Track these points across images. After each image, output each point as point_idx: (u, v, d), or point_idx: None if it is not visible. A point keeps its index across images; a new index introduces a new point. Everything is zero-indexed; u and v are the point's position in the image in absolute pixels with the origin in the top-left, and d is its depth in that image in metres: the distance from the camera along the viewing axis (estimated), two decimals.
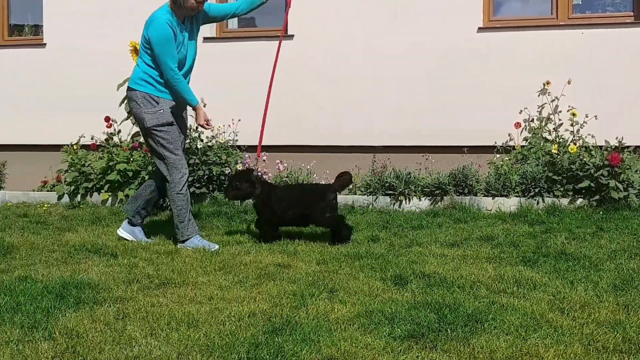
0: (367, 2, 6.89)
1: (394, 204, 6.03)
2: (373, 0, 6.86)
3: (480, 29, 6.66)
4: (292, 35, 6.98)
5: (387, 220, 5.43)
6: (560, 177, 5.79)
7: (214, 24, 7.18)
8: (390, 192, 6.05)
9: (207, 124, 4.66)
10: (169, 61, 4.38)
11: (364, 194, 6.21)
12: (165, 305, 3.12)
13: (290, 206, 4.72)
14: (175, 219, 4.57)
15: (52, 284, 3.37)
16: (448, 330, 2.76)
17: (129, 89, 4.58)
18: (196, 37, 4.71)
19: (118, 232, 4.77)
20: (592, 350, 2.57)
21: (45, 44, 7.56)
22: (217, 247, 4.47)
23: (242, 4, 4.86)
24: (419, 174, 6.19)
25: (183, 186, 4.54)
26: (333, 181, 4.94)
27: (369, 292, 3.38)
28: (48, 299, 3.13)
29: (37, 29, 7.90)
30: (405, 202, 6.02)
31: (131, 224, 4.76)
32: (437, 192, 5.94)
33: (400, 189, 5.98)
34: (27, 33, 7.98)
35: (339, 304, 3.15)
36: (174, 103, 4.57)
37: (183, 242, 4.54)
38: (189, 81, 4.69)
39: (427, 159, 6.34)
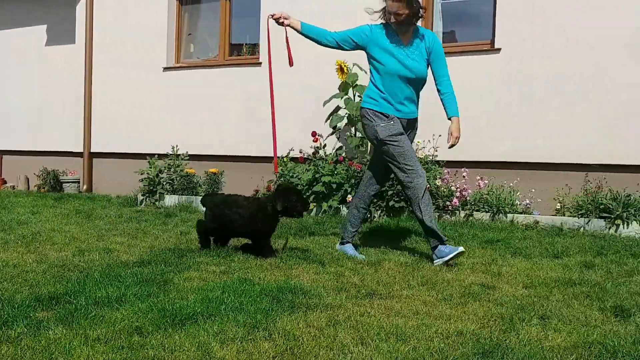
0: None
1: (609, 228, 5.58)
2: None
3: None
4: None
5: (602, 245, 5.04)
6: None
7: None
8: (605, 215, 5.61)
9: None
10: (346, 31, 4.65)
11: (574, 216, 5.83)
12: (374, 315, 3.17)
13: None
14: (422, 224, 4.55)
15: (268, 287, 3.58)
16: None
17: (360, 108, 4.75)
18: (417, 61, 4.61)
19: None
20: None
21: (260, 63, 8.14)
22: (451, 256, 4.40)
23: (445, 88, 4.65)
24: None
25: (424, 192, 4.52)
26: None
27: (586, 321, 3.14)
28: (266, 301, 3.34)
29: (254, 48, 8.54)
30: (623, 227, 5.54)
31: (342, 243, 4.91)
32: None
33: (618, 212, 5.52)
34: (244, 53, 8.66)
35: (553, 331, 2.97)
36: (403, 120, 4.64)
37: (435, 247, 4.51)
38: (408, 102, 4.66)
39: None
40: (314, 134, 7.06)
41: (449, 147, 4.71)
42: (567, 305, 3.42)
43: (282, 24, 4.69)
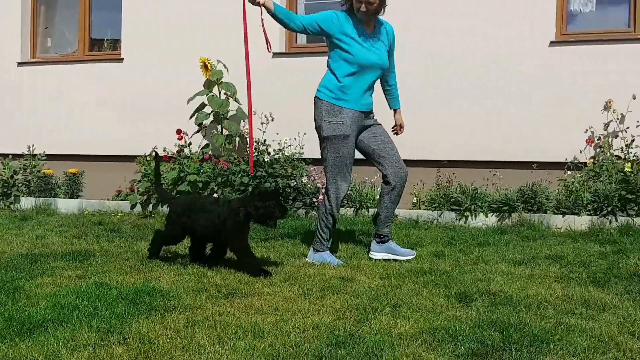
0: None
1: (459, 219, 5.99)
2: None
3: (552, 43, 6.54)
4: None
5: (452, 236, 5.39)
6: (634, 196, 5.61)
7: (284, 39, 7.32)
8: (455, 207, 6.01)
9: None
10: (312, 16, 4.49)
11: (429, 209, 6.18)
12: (233, 314, 3.20)
13: None
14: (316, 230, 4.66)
15: (125, 291, 3.51)
16: (513, 349, 2.73)
17: (315, 96, 4.58)
18: (381, 51, 4.56)
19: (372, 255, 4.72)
20: None
21: (122, 59, 7.90)
22: (342, 262, 4.51)
23: (393, 80, 4.84)
24: (486, 190, 6.13)
25: (336, 203, 4.57)
26: None
27: (433, 308, 3.36)
28: (122, 304, 3.27)
29: (115, 43, 8.28)
30: (471, 218, 5.96)
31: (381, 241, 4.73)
32: (505, 208, 5.86)
33: (466, 205, 5.93)
34: (106, 48, 8.36)
35: (402, 319, 3.16)
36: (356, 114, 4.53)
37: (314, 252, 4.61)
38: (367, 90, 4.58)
39: (494, 175, 6.26)
40: (178, 131, 6.96)
41: (396, 135, 4.94)
42: (417, 294, 3.63)
43: (258, 3, 4.35)
